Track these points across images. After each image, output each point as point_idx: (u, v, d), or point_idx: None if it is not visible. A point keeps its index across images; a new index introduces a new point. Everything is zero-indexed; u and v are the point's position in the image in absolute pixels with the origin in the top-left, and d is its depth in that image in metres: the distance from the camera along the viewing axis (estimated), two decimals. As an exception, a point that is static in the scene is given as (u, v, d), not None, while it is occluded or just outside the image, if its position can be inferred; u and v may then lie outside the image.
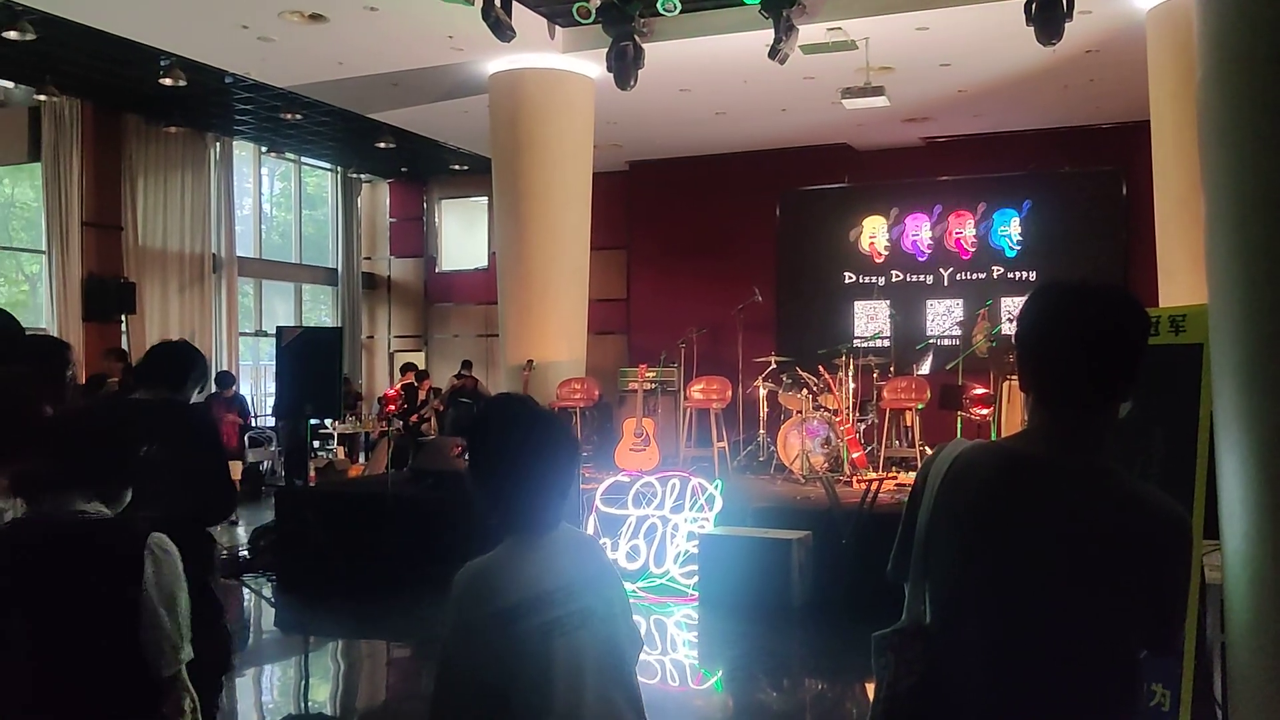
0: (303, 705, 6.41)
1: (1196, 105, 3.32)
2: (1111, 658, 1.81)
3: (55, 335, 10.16)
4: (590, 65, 11.03)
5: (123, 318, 13.79)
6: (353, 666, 7.43)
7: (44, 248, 13.09)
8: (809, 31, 9.67)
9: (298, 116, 13.78)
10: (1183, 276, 8.96)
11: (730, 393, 10.78)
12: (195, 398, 4.41)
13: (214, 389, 12.53)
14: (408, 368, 14.90)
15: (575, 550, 2.18)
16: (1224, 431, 3.26)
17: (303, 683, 6.94)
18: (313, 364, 9.60)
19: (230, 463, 4.55)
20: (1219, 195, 3.20)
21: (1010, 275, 14.11)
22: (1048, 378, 1.88)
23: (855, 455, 9.91)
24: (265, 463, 14.04)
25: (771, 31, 9.29)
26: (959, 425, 10.23)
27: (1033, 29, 8.77)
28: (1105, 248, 13.49)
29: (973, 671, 1.86)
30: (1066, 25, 8.69)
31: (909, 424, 10.52)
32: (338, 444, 14.52)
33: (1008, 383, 9.90)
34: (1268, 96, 2.95)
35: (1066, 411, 1.86)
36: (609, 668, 2.11)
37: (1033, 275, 13.91)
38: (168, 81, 11.28)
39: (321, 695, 6.71)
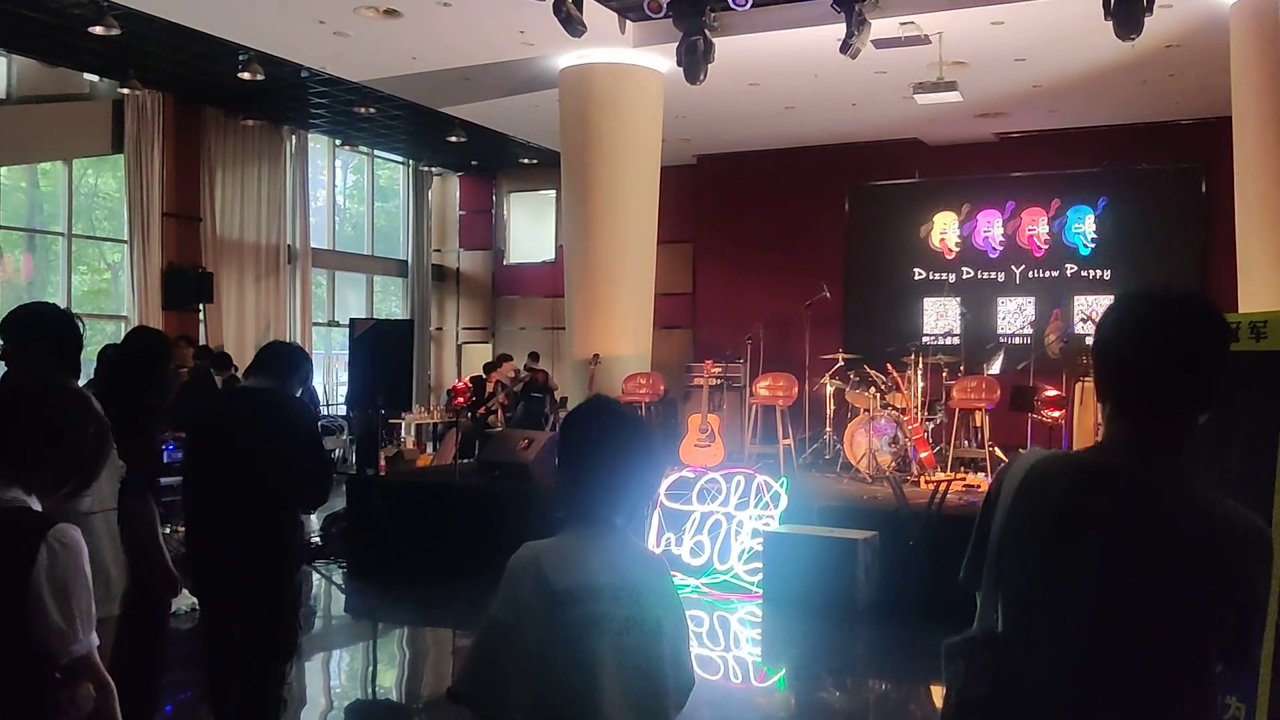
0: (370, 690, 6.54)
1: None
2: (1186, 670, 1.79)
3: (146, 326, 10.40)
4: (660, 59, 11.04)
5: (200, 307, 14.12)
6: (418, 654, 7.55)
7: (125, 237, 13.46)
8: (881, 26, 9.59)
9: (371, 110, 14.01)
10: (1263, 276, 8.76)
11: (796, 390, 10.73)
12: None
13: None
14: (504, 358, 14.75)
15: (634, 559, 2.20)
16: (1306, 441, 3.19)
17: (370, 669, 7.07)
18: (384, 356, 9.74)
19: None
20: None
21: (1084, 274, 13.87)
22: (1126, 387, 1.87)
23: (923, 455, 9.81)
24: (337, 451, 14.29)
25: (843, 26, 9.23)
26: (1029, 427, 10.08)
27: (1111, 23, 8.61)
28: (1183, 246, 13.21)
29: (1044, 682, 1.85)
30: (1146, 19, 8.52)
31: (978, 424, 10.38)
32: (405, 433, 14.72)
33: (1080, 384, 9.72)
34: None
35: (1145, 421, 1.84)
36: (638, 685, 2.10)
37: (1107, 274, 13.66)
38: (246, 75, 11.53)
39: (388, 681, 6.83)
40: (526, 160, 16.87)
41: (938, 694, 6.43)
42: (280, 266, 15.22)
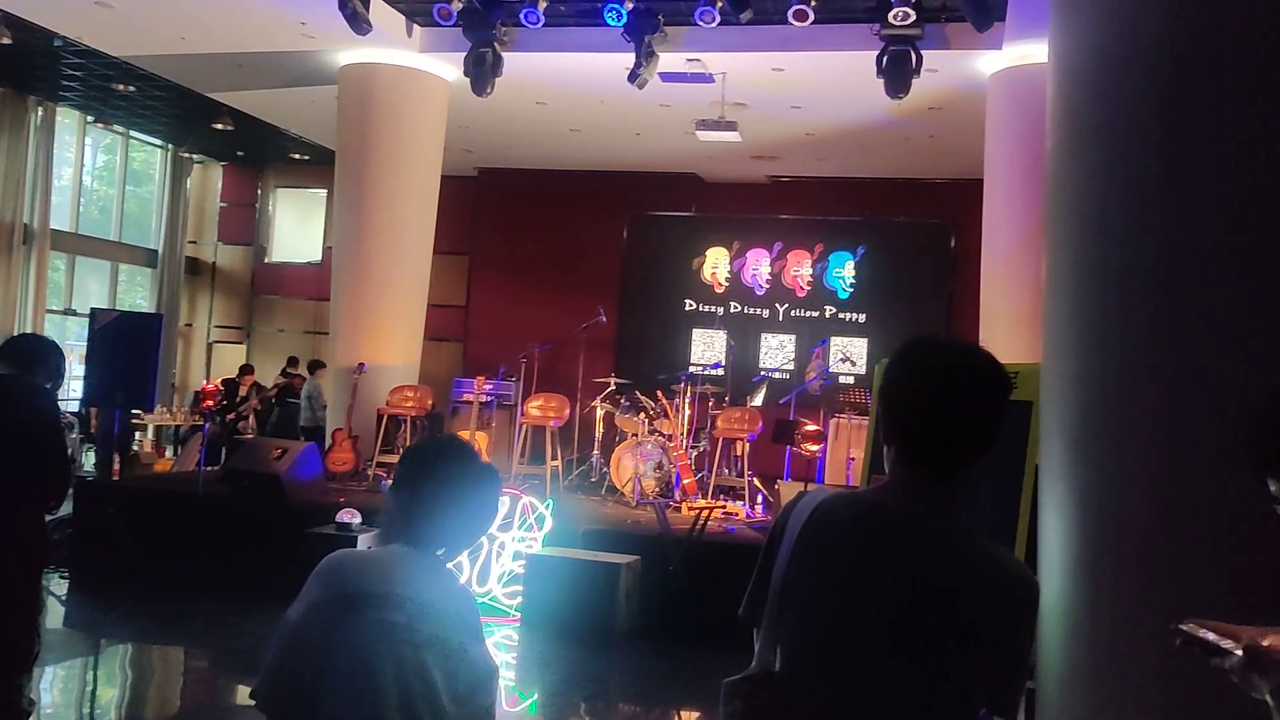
0: (86, 712, 6.01)
1: (1046, 173, 3.47)
2: (955, 714, 1.83)
3: None
4: (447, 68, 10.85)
5: (-84, 284, 12.77)
6: (143, 674, 7.02)
7: None
8: (669, 60, 9.78)
9: (131, 88, 13.08)
10: (1003, 331, 9.38)
11: (568, 411, 10.73)
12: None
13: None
14: (246, 370, 14.30)
15: (450, 588, 2.22)
16: (1048, 487, 3.39)
17: (89, 689, 6.49)
18: (128, 351, 9.09)
19: None
20: (1061, 261, 3.34)
21: (841, 316, 14.55)
22: (912, 435, 1.90)
23: (687, 481, 9.99)
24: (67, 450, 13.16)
25: (632, 55, 9.36)
26: (788, 458, 10.44)
27: (882, 82, 9.10)
28: (931, 297, 14.07)
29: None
30: (914, 81, 9.05)
31: (739, 454, 10.68)
32: (144, 435, 13.76)
33: (836, 420, 10.18)
34: (1114, 172, 3.10)
35: (931, 470, 1.88)
36: (443, 702, 2.09)
37: (862, 318, 14.39)
38: (-10, 37, 10.53)
39: (107, 701, 6.29)
40: (297, 156, 16.19)
41: (689, 719, 6.51)
42: (14, 247, 13.94)
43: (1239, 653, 1.53)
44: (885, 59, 8.99)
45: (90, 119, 15.46)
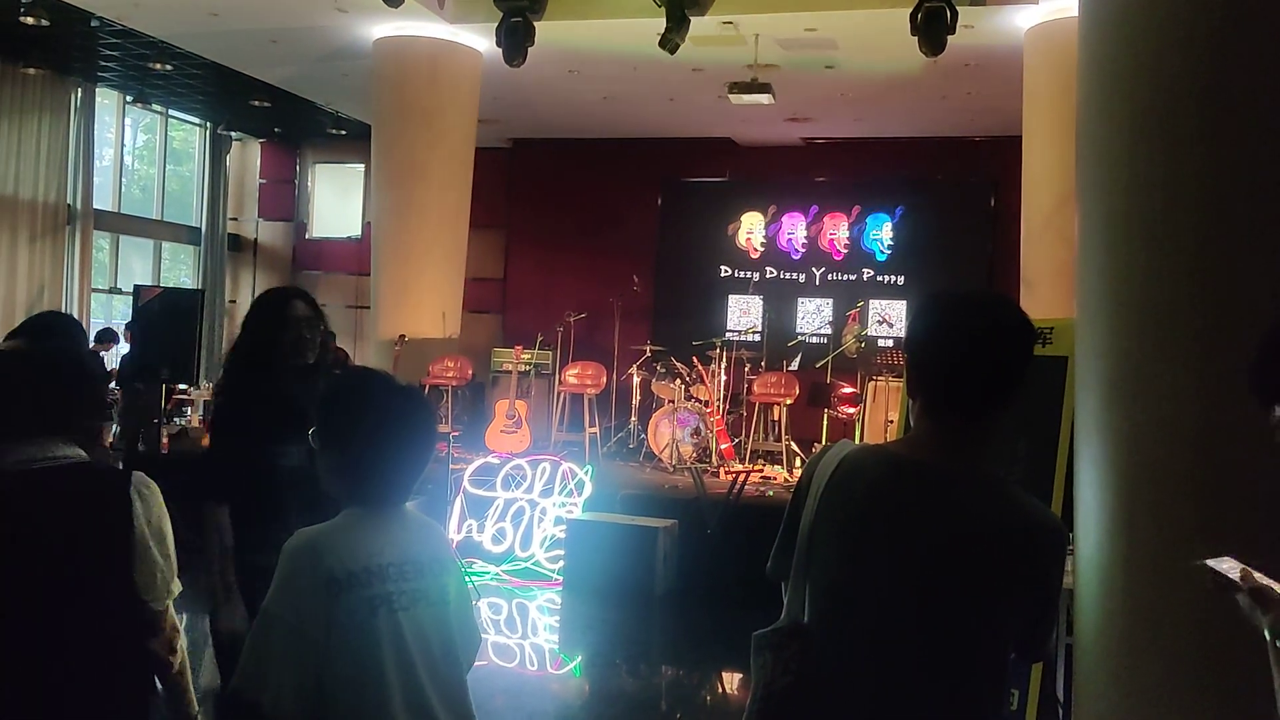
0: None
1: (1075, 125, 3.43)
2: (985, 660, 1.85)
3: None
4: (478, 39, 10.84)
5: (-35, 266, 13.01)
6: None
7: (-121, 186, 12.24)
8: (700, 23, 9.69)
9: (167, 67, 13.18)
10: (1043, 290, 9.30)
11: (605, 379, 10.79)
12: None
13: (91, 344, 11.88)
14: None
15: (415, 531, 2.17)
16: (1084, 442, 3.38)
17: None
18: (172, 326, 9.24)
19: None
20: (1092, 215, 3.31)
21: (879, 279, 14.43)
22: (940, 388, 1.90)
23: (724, 447, 10.02)
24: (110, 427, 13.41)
25: (663, 20, 9.30)
26: (825, 422, 10.43)
27: (917, 39, 8.97)
28: (971, 257, 13.90)
29: (850, 672, 1.87)
30: (949, 38, 8.92)
31: (776, 418, 10.68)
32: (194, 411, 13.97)
33: (873, 383, 10.15)
34: (1145, 121, 3.06)
35: (956, 420, 1.89)
36: (435, 656, 2.10)
37: (901, 280, 14.26)
38: (29, 20, 10.62)
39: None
40: (334, 131, 16.24)
41: (730, 680, 6.56)
42: (59, 227, 14.15)
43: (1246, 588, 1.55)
44: (920, 15, 8.84)
45: (129, 99, 15.61)
